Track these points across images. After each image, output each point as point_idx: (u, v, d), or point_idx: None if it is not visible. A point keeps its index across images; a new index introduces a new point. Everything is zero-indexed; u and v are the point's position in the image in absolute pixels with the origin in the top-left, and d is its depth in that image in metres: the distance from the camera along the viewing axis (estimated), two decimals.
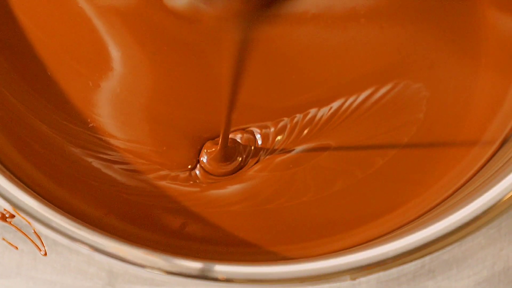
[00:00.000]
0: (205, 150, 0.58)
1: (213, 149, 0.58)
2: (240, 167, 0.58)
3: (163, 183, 0.58)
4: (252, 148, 0.59)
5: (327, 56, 0.60)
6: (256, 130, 0.59)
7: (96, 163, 0.58)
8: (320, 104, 0.59)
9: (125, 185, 0.58)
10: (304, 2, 0.59)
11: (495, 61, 0.60)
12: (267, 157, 0.59)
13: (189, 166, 0.59)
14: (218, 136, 0.57)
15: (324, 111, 0.59)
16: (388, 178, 0.58)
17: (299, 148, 0.59)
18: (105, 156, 0.58)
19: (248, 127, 0.59)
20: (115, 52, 0.59)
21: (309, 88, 0.59)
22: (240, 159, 0.58)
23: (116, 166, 0.58)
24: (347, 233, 0.57)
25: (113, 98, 0.59)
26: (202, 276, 0.51)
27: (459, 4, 0.60)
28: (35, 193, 0.54)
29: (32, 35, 0.60)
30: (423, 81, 0.60)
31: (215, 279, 0.51)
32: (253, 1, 0.41)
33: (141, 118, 0.59)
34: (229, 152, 0.57)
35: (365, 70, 0.60)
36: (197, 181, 0.58)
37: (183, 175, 0.58)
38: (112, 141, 0.59)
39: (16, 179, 0.54)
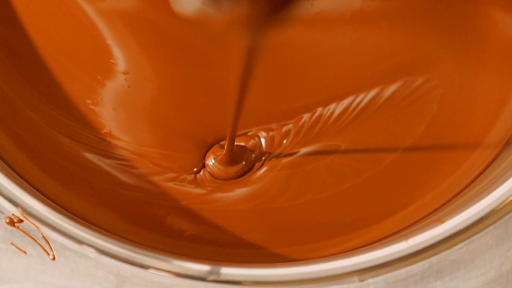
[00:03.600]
0: (211, 154, 0.58)
1: (219, 153, 0.58)
2: (246, 171, 0.59)
3: (170, 185, 0.58)
4: (259, 151, 0.59)
5: (333, 57, 0.60)
6: (262, 133, 0.59)
7: (103, 165, 0.58)
8: (327, 105, 0.59)
9: (133, 187, 0.58)
10: (312, 6, 0.59)
11: (499, 63, 0.60)
12: (275, 158, 0.59)
13: (195, 169, 0.59)
14: (224, 139, 0.57)
15: (332, 112, 0.59)
16: (393, 179, 0.58)
17: (307, 149, 0.59)
18: (112, 158, 0.58)
19: (254, 130, 0.59)
20: (120, 56, 0.60)
21: (316, 90, 0.59)
22: (244, 163, 0.59)
23: (123, 168, 0.58)
24: (353, 234, 0.57)
25: (118, 102, 0.59)
26: (210, 278, 0.51)
27: (463, 6, 0.60)
28: (43, 197, 0.54)
29: (37, 41, 0.60)
30: (425, 83, 0.60)
31: (223, 282, 0.51)
32: (262, 6, 0.41)
33: (147, 121, 0.59)
34: (235, 156, 0.58)
35: (369, 72, 0.60)
36: (204, 184, 0.58)
37: (189, 177, 0.58)
38: (118, 143, 0.59)
39: (24, 183, 0.54)
